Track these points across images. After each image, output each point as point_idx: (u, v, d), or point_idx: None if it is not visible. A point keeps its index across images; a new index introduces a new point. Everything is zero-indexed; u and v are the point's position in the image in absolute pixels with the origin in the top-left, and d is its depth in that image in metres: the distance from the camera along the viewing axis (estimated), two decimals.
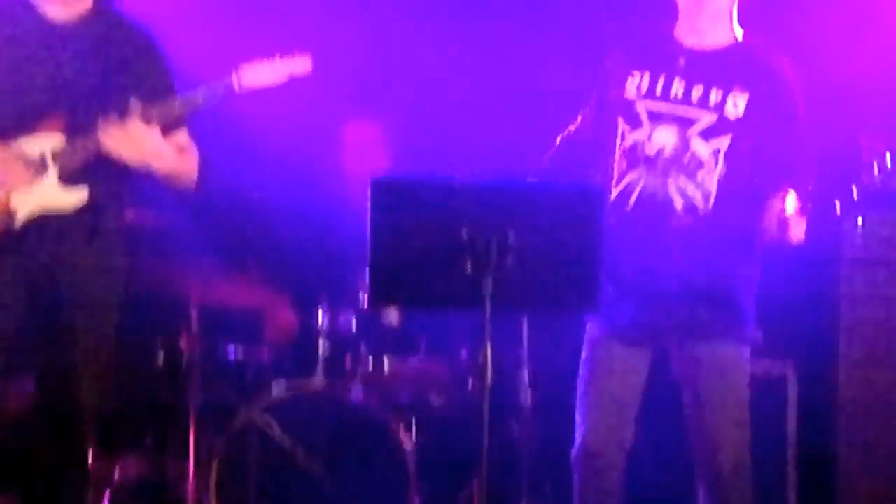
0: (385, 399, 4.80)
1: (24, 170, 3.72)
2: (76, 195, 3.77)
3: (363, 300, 4.77)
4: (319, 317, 4.89)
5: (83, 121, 3.74)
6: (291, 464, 4.64)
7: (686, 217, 3.85)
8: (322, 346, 4.85)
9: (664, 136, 3.86)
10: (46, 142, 3.76)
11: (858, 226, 4.76)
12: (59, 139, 3.75)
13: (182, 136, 3.87)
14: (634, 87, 3.92)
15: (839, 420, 4.84)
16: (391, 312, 4.94)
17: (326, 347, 4.85)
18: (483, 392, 3.38)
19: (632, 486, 4.08)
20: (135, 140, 3.69)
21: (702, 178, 3.85)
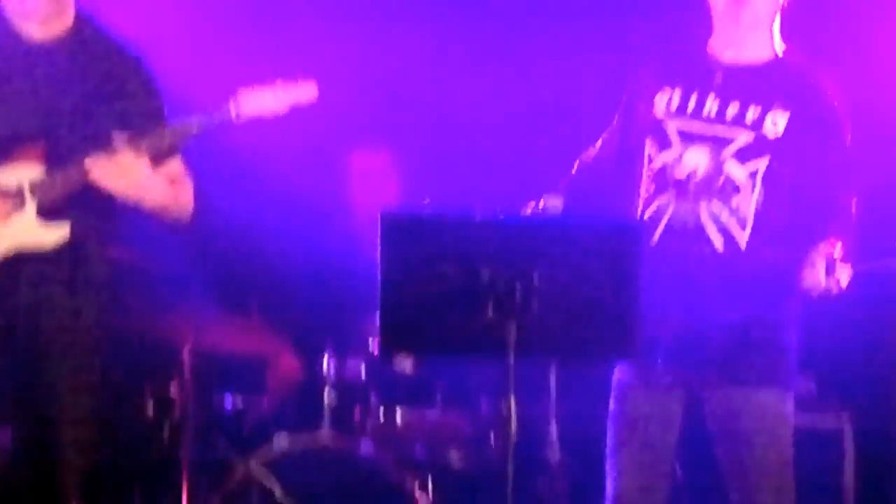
0: (398, 455, 4.73)
1: (3, 207, 3.64)
2: (56, 231, 3.69)
3: (373, 346, 4.70)
4: (325, 364, 4.81)
5: (63, 150, 3.68)
6: None
7: (719, 247, 3.76)
8: (328, 396, 4.75)
9: (696, 158, 3.79)
10: (24, 173, 3.68)
11: None
12: (38, 170, 3.68)
13: (175, 166, 3.81)
14: (664, 105, 3.85)
15: None
16: (404, 360, 4.83)
17: (333, 397, 4.76)
18: (506, 448, 3.31)
19: None
20: (122, 170, 3.65)
21: (737, 204, 3.76)
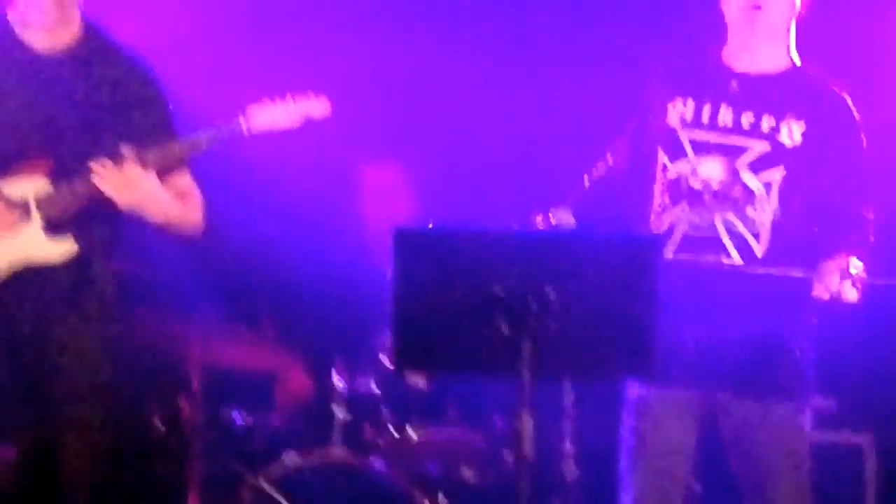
0: (410, 472, 4.67)
1: (6, 216, 3.65)
2: (62, 245, 3.69)
3: (384, 361, 4.66)
4: (336, 379, 4.75)
5: (70, 163, 3.67)
6: None
7: (735, 258, 3.74)
8: (339, 413, 4.70)
9: (710, 168, 3.77)
10: (30, 186, 3.68)
11: None
12: (44, 183, 3.67)
13: (183, 180, 3.80)
14: (677, 115, 3.82)
15: None
16: (417, 375, 4.76)
17: (344, 414, 4.70)
18: (521, 465, 3.23)
19: None
20: (129, 183, 3.64)
21: (752, 216, 3.74)
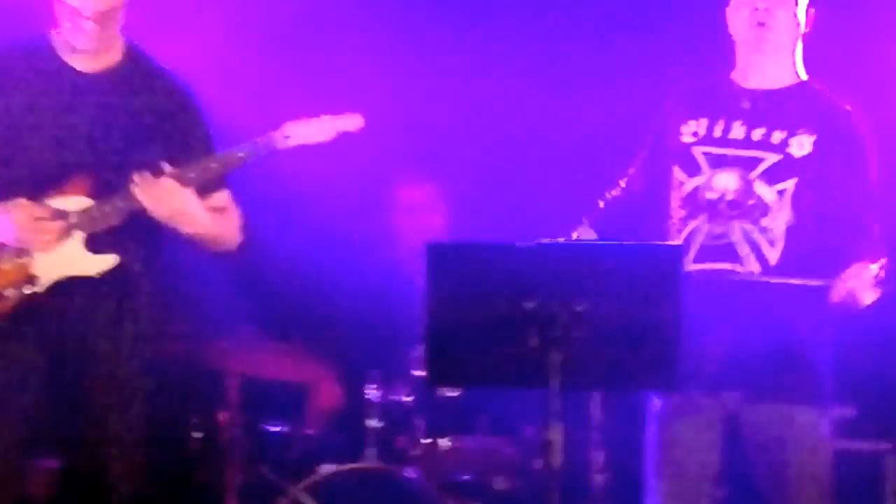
0: (442, 481, 4.69)
1: (51, 231, 3.65)
2: (104, 260, 3.70)
3: (417, 374, 4.63)
4: (370, 391, 4.76)
5: (112, 180, 3.68)
6: None
7: (752, 266, 3.75)
8: (373, 423, 4.71)
9: (725, 180, 3.79)
10: (73, 202, 3.69)
11: None
12: (86, 201, 3.69)
13: (222, 197, 3.81)
14: (691, 133, 3.86)
15: None
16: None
17: (377, 424, 4.71)
18: (550, 474, 3.26)
19: None
20: (165, 194, 3.66)
21: (767, 224, 3.76)
